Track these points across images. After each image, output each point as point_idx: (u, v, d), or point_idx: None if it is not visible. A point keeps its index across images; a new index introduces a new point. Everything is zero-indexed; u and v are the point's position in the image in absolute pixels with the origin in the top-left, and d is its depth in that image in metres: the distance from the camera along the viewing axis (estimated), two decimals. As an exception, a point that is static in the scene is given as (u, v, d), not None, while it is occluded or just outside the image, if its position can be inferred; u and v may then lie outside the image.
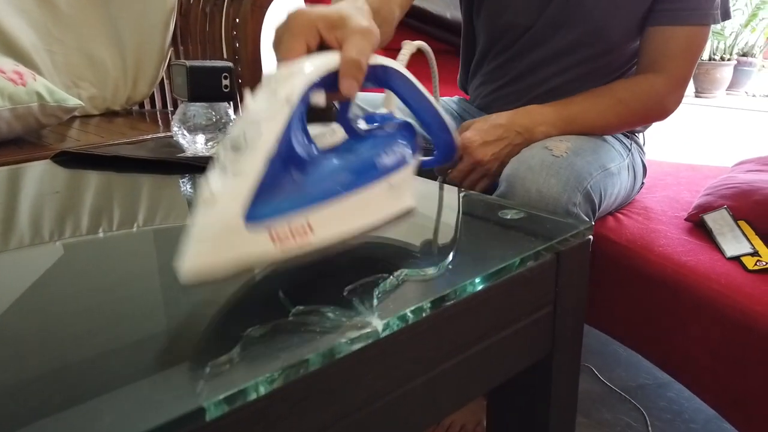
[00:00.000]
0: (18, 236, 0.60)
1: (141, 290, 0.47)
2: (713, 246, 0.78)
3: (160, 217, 0.64)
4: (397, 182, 0.53)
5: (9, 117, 1.21)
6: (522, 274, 0.52)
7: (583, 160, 0.75)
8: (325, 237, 0.47)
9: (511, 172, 0.74)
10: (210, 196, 0.41)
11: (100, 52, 1.62)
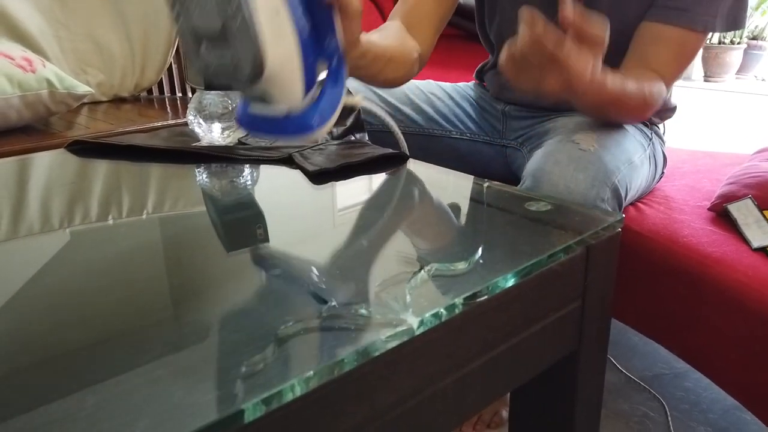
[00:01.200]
0: (34, 226, 0.59)
1: (167, 286, 0.46)
2: (738, 237, 0.77)
3: (183, 206, 0.63)
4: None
5: (19, 105, 1.20)
6: (552, 269, 0.50)
7: (610, 154, 0.73)
8: None
9: (537, 166, 0.72)
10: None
11: (108, 38, 1.60)
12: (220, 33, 0.49)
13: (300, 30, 0.52)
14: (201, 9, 0.49)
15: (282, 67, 0.52)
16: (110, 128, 1.36)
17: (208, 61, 0.51)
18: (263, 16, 0.48)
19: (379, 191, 0.69)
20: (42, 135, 1.26)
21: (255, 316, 0.41)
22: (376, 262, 0.50)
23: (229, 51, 0.50)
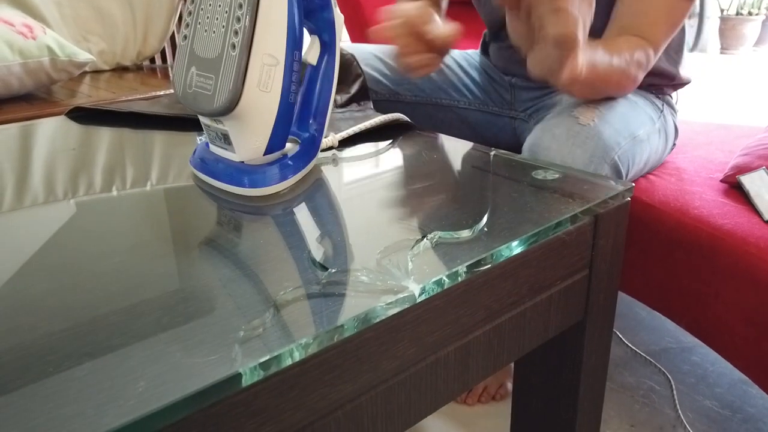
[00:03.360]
0: (34, 194, 0.58)
1: (167, 251, 0.46)
2: (751, 209, 0.75)
3: (185, 174, 0.62)
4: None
5: (20, 72, 1.19)
6: (559, 238, 0.49)
7: (611, 128, 0.71)
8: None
9: (535, 141, 0.71)
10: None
11: (109, 5, 1.58)
12: (213, 62, 0.51)
13: (286, 92, 0.52)
14: (208, 36, 0.51)
15: (253, 113, 0.52)
16: (113, 97, 1.34)
17: (191, 82, 0.53)
18: (258, 61, 0.49)
19: (382, 158, 0.67)
20: (44, 103, 1.25)
21: (255, 281, 0.40)
22: (378, 230, 0.49)
23: (213, 79, 0.51)
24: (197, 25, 0.53)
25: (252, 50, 0.49)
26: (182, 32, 0.54)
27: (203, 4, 0.52)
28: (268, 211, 0.53)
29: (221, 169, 0.56)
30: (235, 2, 0.49)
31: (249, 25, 0.49)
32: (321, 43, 0.58)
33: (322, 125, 0.60)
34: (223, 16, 0.50)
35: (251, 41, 0.49)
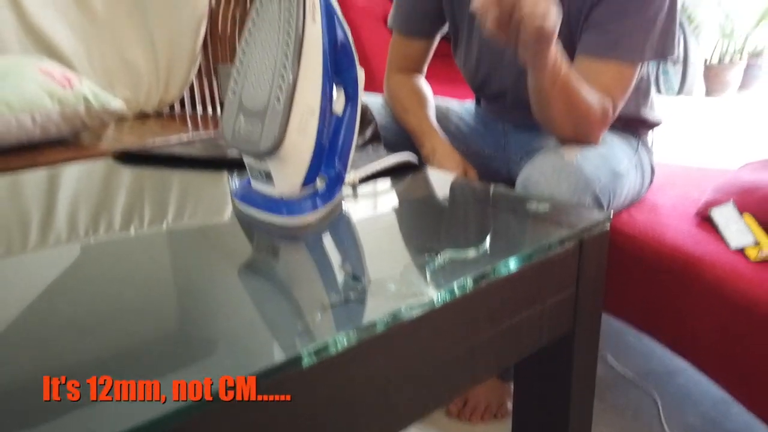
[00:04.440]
0: (110, 224, 0.68)
1: (231, 269, 0.55)
2: (719, 239, 0.85)
3: (227, 207, 0.72)
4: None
5: (58, 119, 1.30)
6: (549, 258, 0.59)
7: (592, 165, 0.82)
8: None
9: (526, 176, 0.81)
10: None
11: (135, 56, 1.70)
12: (259, 111, 0.61)
13: (320, 137, 0.63)
14: (255, 90, 0.61)
15: (293, 154, 0.62)
16: (139, 141, 1.45)
17: (239, 128, 0.63)
18: (298, 111, 0.60)
19: (396, 193, 0.78)
20: (77, 147, 1.35)
21: (306, 288, 0.50)
22: (397, 250, 0.59)
23: (260, 126, 0.61)
24: (245, 82, 0.64)
25: (294, 102, 0.60)
26: (231, 88, 0.65)
27: (250, 65, 0.63)
28: (304, 236, 0.63)
29: (262, 201, 0.66)
30: (279, 63, 0.60)
31: (292, 81, 0.59)
32: (345, 95, 0.69)
33: (345, 164, 0.71)
34: (269, 74, 0.61)
35: (293, 94, 0.60)
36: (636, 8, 0.84)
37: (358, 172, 0.77)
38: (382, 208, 0.73)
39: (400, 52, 1.15)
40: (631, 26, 0.85)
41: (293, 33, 0.59)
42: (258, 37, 0.62)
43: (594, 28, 0.87)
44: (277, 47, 0.60)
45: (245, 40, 0.64)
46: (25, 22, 1.52)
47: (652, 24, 0.85)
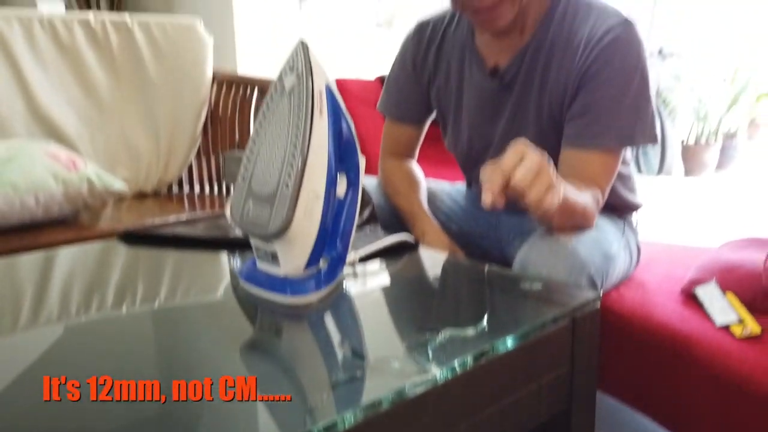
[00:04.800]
0: (122, 301, 0.70)
1: (240, 343, 0.57)
2: (705, 316, 0.88)
3: (230, 286, 0.75)
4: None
5: (61, 199, 1.33)
6: (544, 336, 0.62)
7: (586, 248, 0.86)
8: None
9: (523, 257, 0.85)
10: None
11: (137, 139, 1.76)
12: (268, 196, 0.65)
13: (324, 220, 0.67)
14: (264, 177, 0.66)
15: (299, 236, 0.66)
16: (138, 221, 1.49)
17: (248, 211, 0.67)
18: (306, 196, 0.64)
19: (394, 272, 0.81)
20: (77, 227, 1.38)
21: (312, 366, 0.52)
22: (399, 328, 0.61)
23: (268, 210, 0.65)
24: (255, 169, 0.68)
25: (301, 188, 0.64)
26: (241, 174, 0.69)
27: (260, 153, 0.67)
28: (308, 315, 0.65)
29: (267, 281, 0.69)
30: (289, 152, 0.64)
31: (300, 169, 0.63)
32: (347, 181, 0.74)
33: (346, 246, 0.74)
34: (279, 162, 0.65)
35: (301, 181, 0.64)
36: (613, 98, 0.91)
37: (357, 253, 0.81)
38: (381, 287, 0.76)
39: (392, 136, 1.21)
40: (610, 115, 0.91)
41: (302, 125, 0.64)
42: (269, 128, 0.67)
43: (576, 119, 0.93)
44: (287, 138, 0.64)
45: (256, 131, 0.68)
46: (33, 108, 1.58)
47: (631, 112, 0.92)
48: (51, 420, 0.45)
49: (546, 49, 0.96)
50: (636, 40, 0.92)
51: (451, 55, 1.08)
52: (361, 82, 2.10)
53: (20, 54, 1.56)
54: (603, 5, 0.96)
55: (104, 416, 0.45)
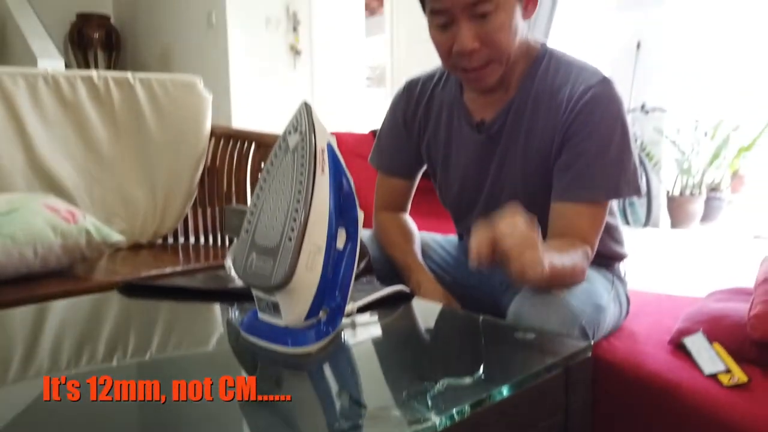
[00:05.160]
0: (130, 351, 0.71)
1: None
2: (693, 365, 0.90)
3: (232, 336, 0.76)
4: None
5: (59, 251, 1.35)
6: (538, 384, 0.64)
7: (578, 299, 0.89)
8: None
9: (517, 308, 0.87)
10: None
11: (134, 191, 1.79)
12: (272, 249, 0.68)
13: (325, 272, 0.70)
14: (267, 230, 0.69)
15: (301, 288, 0.68)
16: (131, 272, 1.50)
17: (251, 263, 0.69)
18: (308, 249, 0.67)
19: (391, 323, 0.83)
20: (73, 279, 1.39)
21: (314, 416, 0.54)
22: (398, 378, 0.63)
23: (271, 262, 0.67)
24: (258, 223, 0.71)
25: (304, 241, 0.66)
26: (244, 227, 0.72)
27: (264, 208, 0.70)
28: (309, 365, 0.67)
29: (268, 331, 0.71)
30: (292, 207, 0.67)
31: (303, 223, 0.66)
32: (346, 234, 0.76)
33: (345, 297, 0.76)
34: (282, 217, 0.68)
35: (304, 234, 0.66)
36: (596, 152, 0.95)
37: (355, 303, 0.83)
38: (379, 337, 0.78)
39: (385, 190, 1.25)
40: (595, 169, 0.96)
41: (305, 182, 0.67)
42: (272, 184, 0.70)
43: (562, 174, 0.98)
44: (291, 193, 0.67)
45: (260, 186, 0.72)
46: (34, 161, 1.62)
47: (615, 165, 0.96)
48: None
49: (530, 104, 1.01)
50: (615, 96, 0.97)
51: (439, 111, 1.13)
52: (354, 136, 2.16)
53: (24, 109, 1.60)
54: (583, 63, 1.02)
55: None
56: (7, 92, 1.57)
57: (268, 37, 4.51)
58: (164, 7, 4.84)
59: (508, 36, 0.95)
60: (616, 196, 0.97)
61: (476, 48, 0.94)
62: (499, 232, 0.73)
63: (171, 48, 4.85)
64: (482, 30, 0.93)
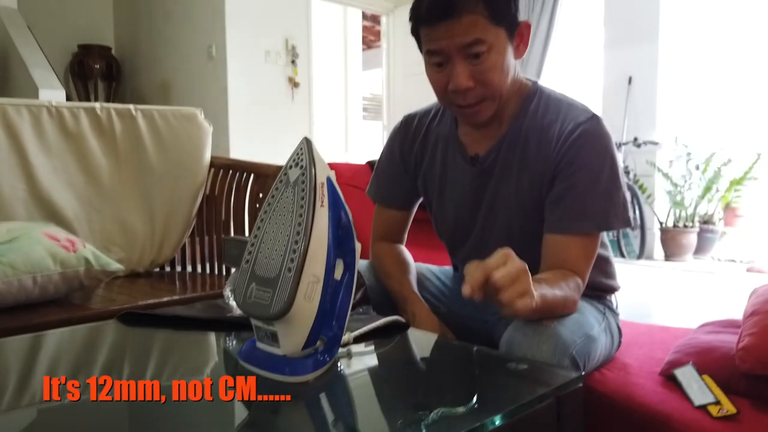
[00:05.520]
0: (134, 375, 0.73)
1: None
2: (683, 396, 0.92)
3: (230, 365, 0.78)
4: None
5: (58, 280, 1.36)
6: (530, 414, 0.65)
7: (568, 330, 0.91)
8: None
9: (509, 339, 0.89)
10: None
11: (133, 220, 1.81)
12: (271, 280, 0.70)
13: (323, 302, 0.71)
14: (267, 261, 0.71)
15: (299, 317, 0.70)
16: (130, 301, 1.51)
17: (251, 294, 0.71)
18: (306, 280, 0.69)
19: (387, 352, 0.84)
20: (71, 307, 1.39)
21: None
22: (393, 407, 0.64)
23: (270, 293, 0.69)
24: (258, 254, 0.73)
25: (303, 272, 0.68)
26: (245, 258, 0.74)
27: (264, 239, 0.73)
28: (304, 394, 0.68)
29: (266, 360, 0.72)
30: (292, 239, 0.70)
31: (302, 254, 0.69)
32: (344, 265, 0.78)
33: (342, 326, 0.78)
34: (282, 248, 0.70)
35: (303, 266, 0.69)
36: (586, 186, 0.99)
37: (352, 334, 0.85)
38: (374, 367, 0.80)
39: (382, 221, 1.28)
40: (585, 202, 0.99)
41: (305, 214, 0.69)
42: (273, 216, 0.72)
43: (554, 207, 1.01)
44: (291, 226, 0.70)
45: (261, 218, 0.74)
46: (35, 191, 1.63)
47: (604, 198, 0.99)
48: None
49: (522, 140, 1.05)
50: (604, 132, 1.01)
51: (435, 145, 1.17)
52: (351, 167, 2.19)
53: (27, 140, 1.62)
54: (572, 100, 1.06)
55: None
56: (12, 123, 1.60)
57: (267, 70, 4.59)
58: (165, 39, 4.93)
59: (500, 75, 0.99)
60: (606, 228, 1.00)
61: (470, 86, 0.98)
62: (490, 264, 0.75)
63: (171, 79, 4.93)
64: (476, 70, 0.97)
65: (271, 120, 4.61)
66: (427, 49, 1.00)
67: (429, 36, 0.98)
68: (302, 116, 4.86)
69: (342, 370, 0.76)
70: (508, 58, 1.00)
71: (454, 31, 0.95)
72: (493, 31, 0.96)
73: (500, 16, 0.96)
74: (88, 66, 5.04)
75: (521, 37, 1.02)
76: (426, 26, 0.98)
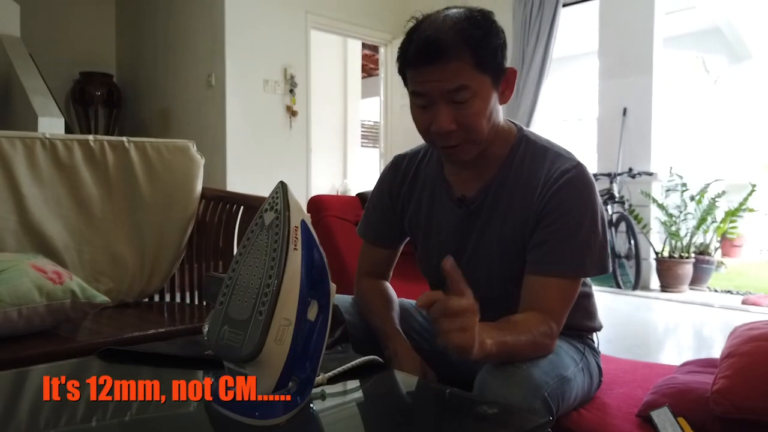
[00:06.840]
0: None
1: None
2: (659, 438, 0.92)
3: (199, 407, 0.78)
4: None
5: (44, 312, 1.37)
6: (497, 459, 0.66)
7: (541, 371, 0.91)
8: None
9: (481, 381, 0.90)
10: None
11: (123, 251, 1.82)
12: (243, 322, 0.71)
13: (294, 345, 0.72)
14: (240, 303, 0.72)
15: (270, 360, 0.71)
16: (118, 332, 1.51)
17: (224, 336, 0.72)
18: (277, 323, 0.70)
19: (364, 394, 0.85)
20: (57, 339, 1.39)
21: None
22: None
23: (242, 336, 0.70)
24: (232, 295, 0.74)
25: (274, 315, 0.70)
26: (219, 299, 0.75)
27: (238, 282, 0.74)
28: (275, 438, 0.69)
29: (238, 403, 0.73)
30: (264, 282, 0.71)
31: (274, 297, 0.70)
32: (318, 306, 0.79)
33: (315, 368, 0.79)
34: (254, 291, 0.71)
35: (274, 309, 0.70)
36: (567, 234, 1.01)
37: (325, 376, 0.85)
38: (347, 409, 0.80)
39: (368, 258, 1.29)
40: (565, 248, 1.00)
41: (278, 257, 0.71)
42: (247, 259, 0.74)
43: (535, 250, 1.03)
44: (263, 269, 0.71)
45: (235, 260, 0.75)
46: (26, 222, 1.65)
47: (583, 246, 1.01)
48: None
49: (508, 187, 1.07)
50: (588, 180, 1.04)
51: (423, 185, 1.19)
52: (341, 199, 2.22)
53: (20, 172, 1.64)
54: (558, 148, 1.09)
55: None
56: (5, 155, 1.62)
57: (266, 99, 4.65)
58: (166, 67, 5.00)
59: (483, 121, 1.01)
60: (583, 274, 1.02)
61: (453, 129, 1.00)
62: (441, 308, 0.79)
63: (171, 107, 4.99)
64: (459, 114, 0.99)
65: (268, 147, 4.66)
66: (412, 90, 1.02)
67: (415, 78, 1.01)
68: (300, 144, 4.91)
69: (314, 411, 0.76)
70: (492, 103, 1.02)
71: (440, 76, 0.97)
72: (478, 78, 0.98)
73: (486, 64, 0.99)
74: (90, 93, 5.11)
75: (507, 84, 1.05)
76: (413, 69, 1.01)
